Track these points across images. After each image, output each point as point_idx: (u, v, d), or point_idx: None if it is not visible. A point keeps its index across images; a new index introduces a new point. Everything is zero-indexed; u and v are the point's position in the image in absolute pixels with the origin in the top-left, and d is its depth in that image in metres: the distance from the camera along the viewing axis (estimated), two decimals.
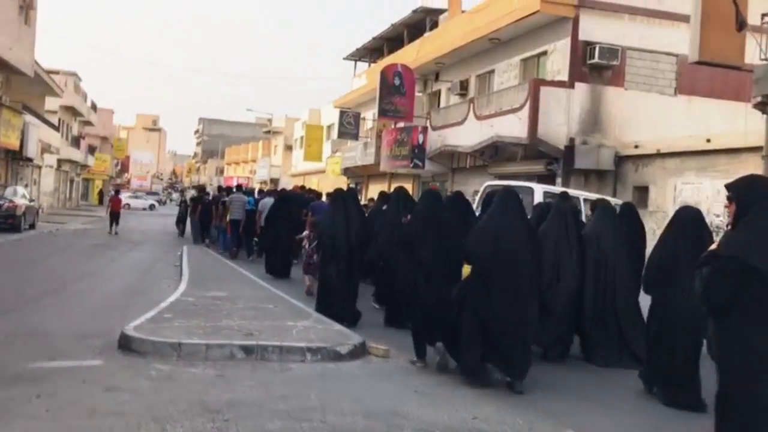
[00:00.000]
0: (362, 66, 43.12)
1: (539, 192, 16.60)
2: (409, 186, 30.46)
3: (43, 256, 17.07)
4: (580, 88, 21.10)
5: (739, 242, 4.21)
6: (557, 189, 16.73)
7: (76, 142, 54.82)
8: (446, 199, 8.54)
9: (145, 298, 10.75)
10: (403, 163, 28.39)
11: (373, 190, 32.57)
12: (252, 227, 17.87)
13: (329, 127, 48.06)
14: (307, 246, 12.68)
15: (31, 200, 27.39)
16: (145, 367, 6.45)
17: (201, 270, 13.94)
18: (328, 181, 39.69)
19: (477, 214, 8.41)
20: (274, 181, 59.99)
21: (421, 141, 27.52)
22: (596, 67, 21.10)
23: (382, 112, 28.06)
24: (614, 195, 19.62)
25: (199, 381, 6.07)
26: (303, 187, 25.76)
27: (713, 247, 4.39)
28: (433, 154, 27.06)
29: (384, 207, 12.15)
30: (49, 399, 5.30)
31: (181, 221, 29.22)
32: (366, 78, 40.03)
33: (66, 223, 32.53)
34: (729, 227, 4.51)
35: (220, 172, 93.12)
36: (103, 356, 6.82)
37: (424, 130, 27.64)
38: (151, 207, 63.38)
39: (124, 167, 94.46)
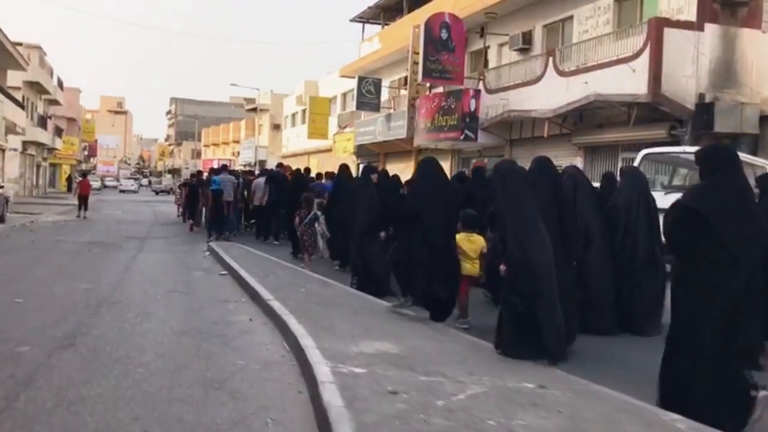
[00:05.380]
0: (371, 29, 38.05)
1: None
2: (446, 165, 25.78)
3: (27, 266, 12.09)
4: (711, 30, 16.58)
5: (696, 195, 4.74)
6: (753, 159, 12.28)
7: (42, 122, 48.88)
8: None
9: (243, 356, 5.92)
10: (450, 135, 23.58)
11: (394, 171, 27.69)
12: (219, 208, 18.03)
13: (330, 100, 43.07)
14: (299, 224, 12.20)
15: None
16: None
17: (271, 281, 9.20)
18: (333, 162, 34.48)
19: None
20: (261, 163, 54.76)
21: (473, 107, 22.78)
22: (729, 3, 16.59)
23: (428, 73, 23.19)
24: None
25: None
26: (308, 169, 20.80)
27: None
28: (492, 123, 22.36)
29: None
30: None
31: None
32: (379, 42, 35.01)
33: (40, 213, 27.25)
34: None
35: (197, 155, 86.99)
36: None
37: (477, 93, 22.91)
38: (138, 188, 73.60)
39: (92, 151, 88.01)
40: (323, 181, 17.34)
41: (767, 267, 4.79)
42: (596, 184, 9.43)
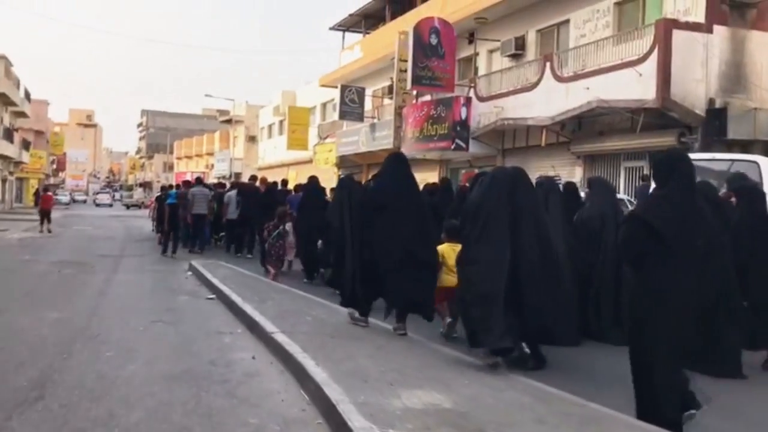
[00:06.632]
0: (351, 38, 37.04)
1: None
2: (434, 175, 24.78)
3: None
4: (720, 32, 15.80)
5: (647, 206, 4.94)
6: None
7: (8, 135, 47.09)
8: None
9: (254, 411, 4.76)
10: (440, 144, 22.61)
11: None
12: (176, 221, 17.64)
13: (309, 111, 41.91)
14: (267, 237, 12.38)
15: None
16: None
17: (269, 308, 8.08)
18: (313, 174, 33.24)
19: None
20: (237, 176, 53.43)
21: (464, 116, 21.85)
22: (737, 5, 15.86)
23: (417, 80, 22.23)
24: None
25: None
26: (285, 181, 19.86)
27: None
28: (484, 132, 21.43)
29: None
30: None
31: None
32: (361, 50, 34.04)
33: (5, 230, 25.76)
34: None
35: (169, 168, 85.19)
36: None
37: (468, 101, 21.98)
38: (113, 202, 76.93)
39: (61, 165, 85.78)
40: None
41: (739, 272, 4.86)
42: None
